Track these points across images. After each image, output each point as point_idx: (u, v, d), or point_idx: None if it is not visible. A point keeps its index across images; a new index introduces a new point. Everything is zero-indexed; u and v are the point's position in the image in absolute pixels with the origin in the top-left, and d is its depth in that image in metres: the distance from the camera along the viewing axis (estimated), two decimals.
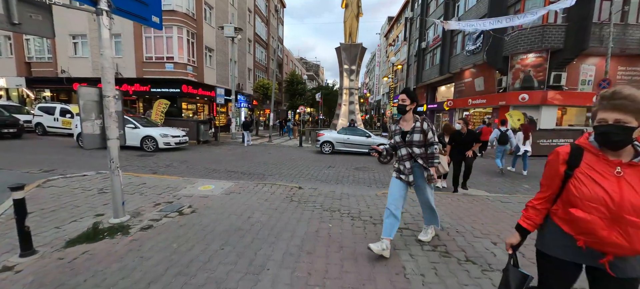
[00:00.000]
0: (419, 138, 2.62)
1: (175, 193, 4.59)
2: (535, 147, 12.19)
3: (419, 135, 2.62)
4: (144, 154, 9.77)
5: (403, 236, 3.13)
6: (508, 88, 16.66)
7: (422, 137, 2.62)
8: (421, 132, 2.62)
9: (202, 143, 13.97)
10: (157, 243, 2.83)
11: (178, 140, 10.91)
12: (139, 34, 16.55)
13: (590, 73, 15.56)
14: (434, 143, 2.63)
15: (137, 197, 4.33)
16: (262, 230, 3.21)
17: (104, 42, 3.12)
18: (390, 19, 47.97)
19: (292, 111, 31.27)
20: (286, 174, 7.33)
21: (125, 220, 3.37)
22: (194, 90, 18.16)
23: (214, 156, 10.01)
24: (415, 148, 2.64)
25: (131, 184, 5.07)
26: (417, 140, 2.62)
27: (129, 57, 16.83)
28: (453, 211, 4.11)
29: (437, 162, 2.69)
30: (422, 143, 2.64)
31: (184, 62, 16.70)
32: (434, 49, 25.86)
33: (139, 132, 10.32)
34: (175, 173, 6.71)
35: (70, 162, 7.52)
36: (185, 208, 3.85)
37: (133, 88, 17.20)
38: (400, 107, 2.69)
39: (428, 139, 2.63)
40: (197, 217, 3.57)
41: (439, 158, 2.72)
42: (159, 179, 5.61)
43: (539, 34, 14.97)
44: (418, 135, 2.62)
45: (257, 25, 29.07)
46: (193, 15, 17.61)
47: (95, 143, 3.24)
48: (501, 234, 3.26)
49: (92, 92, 3.19)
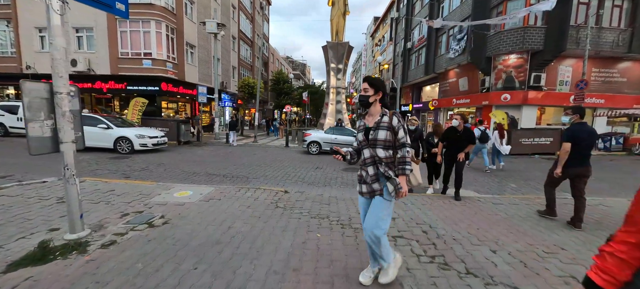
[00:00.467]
0: (385, 136, 2.00)
1: (147, 201, 4.15)
2: (517, 146, 12.54)
3: (384, 133, 2.00)
4: (117, 156, 9.09)
5: (397, 246, 2.89)
6: (491, 89, 17.02)
7: (389, 135, 2.00)
8: (388, 129, 2.00)
9: (183, 144, 13.31)
10: (119, 264, 2.44)
11: (156, 141, 10.27)
12: (113, 28, 15.56)
13: (567, 75, 16.16)
14: (406, 145, 2.01)
15: (102, 207, 3.87)
16: (243, 243, 2.88)
17: (53, 30, 2.67)
18: (376, 19, 48.30)
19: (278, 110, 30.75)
20: (271, 176, 6.97)
21: (83, 236, 2.94)
22: (175, 88, 17.33)
23: (195, 158, 9.47)
24: (379, 149, 2.01)
25: (97, 191, 4.56)
26: (382, 138, 2.00)
27: (103, 53, 15.79)
28: (446, 215, 3.94)
29: (408, 170, 2.02)
30: (389, 144, 2.02)
31: (163, 59, 15.87)
32: (420, 49, 26.15)
33: (112, 133, 9.60)
34: (150, 178, 6.20)
35: (32, 167, 6.81)
36: (157, 219, 3.44)
37: (107, 85, 16.17)
38: (362, 99, 2.09)
39: (398, 139, 2.01)
40: (170, 229, 3.18)
41: (411, 166, 2.18)
42: (130, 185, 5.12)
43: (520, 36, 15.35)
44: (384, 132, 2.00)
45: (241, 22, 28.29)
46: (173, 9, 16.78)
47: (45, 147, 2.78)
48: (499, 240, 3.10)
49: (41, 88, 2.73)
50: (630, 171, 9.11)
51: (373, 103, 2.10)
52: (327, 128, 14.22)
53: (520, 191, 6.01)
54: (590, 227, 3.61)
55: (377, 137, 2.02)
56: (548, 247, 2.98)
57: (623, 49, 15.15)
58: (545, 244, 3.04)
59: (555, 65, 15.96)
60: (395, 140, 2.03)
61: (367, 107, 2.12)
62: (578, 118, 3.72)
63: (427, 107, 25.02)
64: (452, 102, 20.91)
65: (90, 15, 15.23)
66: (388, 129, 2.01)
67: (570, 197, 3.84)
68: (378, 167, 2.05)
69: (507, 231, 3.41)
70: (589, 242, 3.14)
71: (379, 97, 2.10)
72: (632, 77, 16.53)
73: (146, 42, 15.64)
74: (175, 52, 17.09)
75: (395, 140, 2.03)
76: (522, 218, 3.93)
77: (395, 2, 34.90)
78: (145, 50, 15.69)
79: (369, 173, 2.08)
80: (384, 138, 2.01)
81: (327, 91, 19.71)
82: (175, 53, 17.13)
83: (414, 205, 4.37)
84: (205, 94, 15.46)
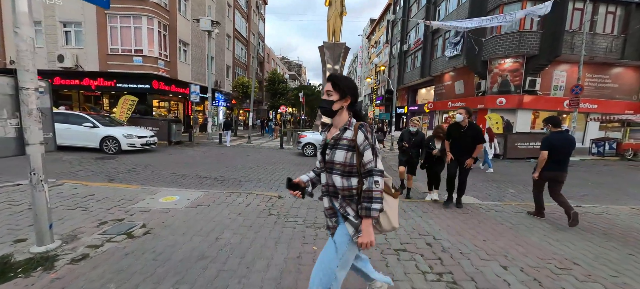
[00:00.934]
0: (344, 158, 1.43)
1: (129, 207, 3.84)
2: (513, 150, 12.50)
3: (344, 153, 1.43)
4: (103, 157, 8.68)
5: (401, 261, 2.66)
6: (487, 92, 17.05)
7: (349, 156, 1.43)
8: (349, 148, 1.43)
9: (174, 144, 12.90)
10: (89, 283, 2.15)
11: (145, 141, 9.87)
12: (103, 23, 15.05)
13: (562, 79, 16.28)
14: (374, 173, 1.39)
15: (78, 214, 3.54)
16: (231, 257, 2.61)
17: (19, 17, 2.37)
18: (373, 21, 48.36)
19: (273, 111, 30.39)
20: (265, 180, 6.70)
21: (52, 249, 2.63)
22: (167, 87, 16.87)
23: (186, 159, 9.12)
24: (335, 176, 1.46)
25: (75, 196, 4.22)
26: (339, 161, 1.44)
27: (92, 49, 15.25)
28: (449, 224, 3.73)
29: (376, 210, 1.37)
30: (351, 170, 1.44)
31: (155, 56, 15.41)
32: (415, 52, 26.17)
33: (98, 132, 9.18)
34: (135, 181, 5.86)
35: (9, 168, 6.39)
36: (137, 229, 3.14)
37: (96, 82, 15.62)
38: (324, 106, 1.53)
39: (363, 163, 1.40)
40: (151, 241, 2.89)
41: (381, 201, 1.40)
42: (113, 189, 4.78)
43: (516, 40, 15.41)
44: (342, 152, 1.43)
45: (237, 21, 27.89)
46: (165, 5, 16.35)
47: (7, 149, 2.47)
48: (508, 254, 2.89)
49: (3, 83, 2.43)
50: (626, 176, 9.10)
51: (338, 112, 1.52)
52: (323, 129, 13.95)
53: (520, 197, 5.86)
54: (600, 239, 3.44)
55: (334, 158, 1.45)
56: (560, 262, 2.79)
57: (616, 55, 15.34)
58: (557, 259, 2.85)
59: (550, 69, 16.08)
60: (358, 163, 1.42)
61: (330, 116, 1.54)
62: (551, 127, 4.05)
63: (422, 109, 25.03)
64: (448, 104, 20.93)
65: (78, 9, 14.72)
66: (349, 148, 1.43)
67: (573, 204, 3.99)
68: (333, 200, 1.52)
69: (515, 243, 3.21)
70: (601, 256, 2.96)
71: (346, 104, 1.52)
72: (623, 83, 16.77)
73: (137, 39, 15.17)
74: (167, 50, 16.64)
75: (359, 162, 1.42)
76: (528, 227, 3.75)
77: (391, 5, 34.96)
78: (136, 47, 15.22)
79: (325, 206, 1.58)
80: (342, 160, 1.43)
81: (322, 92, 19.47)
82: (168, 51, 16.69)
83: (414, 213, 4.16)
84: (198, 93, 15.08)
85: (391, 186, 1.59)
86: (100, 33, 15.12)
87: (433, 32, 22.33)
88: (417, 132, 4.93)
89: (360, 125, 1.44)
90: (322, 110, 1.56)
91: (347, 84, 1.53)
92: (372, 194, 1.37)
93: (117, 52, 15.31)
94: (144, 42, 15.13)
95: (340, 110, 1.53)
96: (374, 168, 1.40)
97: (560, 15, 14.33)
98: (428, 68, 23.46)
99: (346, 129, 1.48)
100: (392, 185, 1.61)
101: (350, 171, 1.45)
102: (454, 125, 4.47)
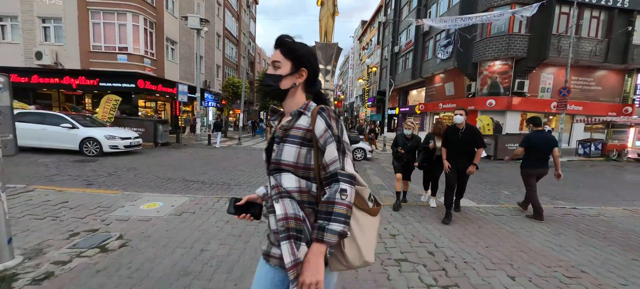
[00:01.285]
0: (296, 155, 0.97)
1: (106, 216, 3.52)
2: (504, 151, 12.62)
3: (296, 149, 0.98)
4: (83, 160, 8.19)
5: (403, 274, 2.47)
6: (477, 94, 17.25)
7: (302, 153, 0.98)
8: (303, 142, 0.98)
9: (161, 145, 12.41)
10: None
11: (129, 143, 9.40)
12: (85, 19, 14.37)
13: (549, 82, 16.64)
14: (339, 176, 0.92)
15: (47, 225, 3.20)
16: (217, 273, 2.36)
17: None
18: (364, 22, 48.59)
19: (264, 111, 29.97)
20: (256, 183, 6.42)
21: (11, 266, 2.31)
22: (153, 86, 16.27)
23: (172, 162, 8.72)
24: (284, 178, 0.98)
25: (46, 204, 3.85)
26: (288, 160, 0.97)
27: (73, 46, 14.53)
28: (449, 229, 3.58)
29: (333, 231, 0.88)
30: (305, 170, 0.98)
31: (141, 54, 14.83)
32: (407, 53, 26.33)
33: (78, 133, 8.66)
34: (116, 185, 5.48)
35: None
36: (113, 241, 2.84)
37: (77, 81, 14.89)
38: (268, 82, 1.06)
39: (324, 162, 0.95)
40: (128, 254, 2.60)
41: (347, 221, 0.91)
42: (90, 195, 4.42)
43: (505, 43, 15.64)
44: (293, 147, 0.98)
45: (227, 20, 27.37)
46: (152, 2, 15.77)
47: None
48: (513, 262, 2.75)
49: None
50: (612, 177, 9.28)
51: (290, 92, 1.05)
52: None
53: (515, 200, 5.81)
54: (602, 244, 3.36)
55: (281, 157, 0.97)
56: (567, 269, 2.66)
57: (600, 59, 15.78)
58: (563, 266, 2.73)
59: (537, 72, 16.39)
60: (320, 166, 0.96)
61: (279, 98, 1.07)
62: (533, 127, 4.32)
63: (413, 110, 25.16)
64: (439, 106, 21.10)
65: (58, 3, 14.02)
66: (304, 142, 0.97)
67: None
68: None
69: (518, 249, 3.08)
70: (606, 262, 2.86)
71: (301, 80, 1.06)
72: (606, 85, 17.29)
73: (122, 36, 14.56)
74: (154, 48, 16.07)
75: (321, 165, 0.96)
76: (528, 232, 3.64)
77: (382, 7, 35.15)
78: (120, 45, 14.61)
79: (270, 226, 1.02)
80: (293, 160, 0.96)
81: None
82: (154, 49, 16.12)
83: (412, 218, 4.00)
84: (186, 93, 14.61)
85: (367, 199, 1.04)
86: (81, 29, 14.43)
87: (424, 34, 22.49)
88: (412, 136, 4.52)
89: (321, 109, 0.98)
90: (267, 91, 1.06)
91: (302, 51, 1.04)
92: (333, 208, 0.88)
93: (100, 50, 14.65)
94: (128, 40, 14.53)
95: (293, 89, 1.05)
96: (340, 170, 0.91)
97: (548, 19, 14.63)
98: (419, 70, 23.62)
99: (301, 114, 1.02)
100: (369, 196, 1.05)
101: (307, 176, 0.97)
102: (451, 128, 4.04)
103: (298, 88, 1.07)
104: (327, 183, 0.94)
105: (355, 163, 10.84)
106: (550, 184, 6.91)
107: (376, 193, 5.81)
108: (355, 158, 11.26)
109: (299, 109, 1.03)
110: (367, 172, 8.44)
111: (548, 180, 4.81)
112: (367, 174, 8.15)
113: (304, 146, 0.97)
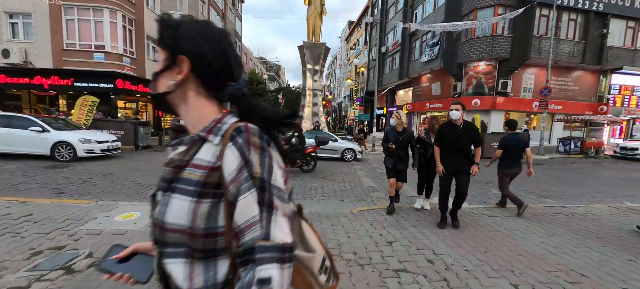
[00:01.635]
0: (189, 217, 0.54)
1: (75, 230, 3.18)
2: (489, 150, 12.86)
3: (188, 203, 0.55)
4: (55, 166, 7.61)
5: (402, 286, 2.32)
6: (462, 94, 17.56)
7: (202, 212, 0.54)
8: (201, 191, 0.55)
9: (142, 148, 11.81)
10: None
11: (106, 147, 8.83)
12: (57, 15, 13.50)
13: (530, 82, 17.17)
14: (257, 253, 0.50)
15: (5, 242, 2.83)
16: None
17: None
18: (351, 22, 48.79)
19: None
20: None
21: None
22: (133, 86, 15.52)
23: (154, 166, 8.26)
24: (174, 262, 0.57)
25: (6, 218, 3.45)
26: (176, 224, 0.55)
27: (44, 43, 13.62)
28: (446, 234, 3.47)
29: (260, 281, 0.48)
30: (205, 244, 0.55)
31: (119, 53, 14.10)
32: (394, 54, 26.56)
33: (49, 137, 8.05)
34: (90, 194, 5.06)
35: None
36: (80, 260, 2.53)
37: (49, 81, 13.97)
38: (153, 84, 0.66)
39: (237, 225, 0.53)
40: (97, 276, 2.30)
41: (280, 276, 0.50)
42: (58, 206, 4.02)
43: (489, 44, 16.00)
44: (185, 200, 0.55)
45: (211, 18, 26.63)
46: None
47: None
48: (514, 268, 2.66)
49: None
50: (593, 173, 9.60)
51: (176, 99, 0.65)
52: (304, 131, 13.56)
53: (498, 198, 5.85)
54: (596, 244, 3.35)
55: (165, 217, 0.56)
56: (567, 274, 2.60)
57: (577, 60, 16.43)
58: (563, 270, 2.67)
59: (520, 72, 16.87)
60: (230, 229, 0.54)
61: (169, 110, 0.66)
62: (508, 129, 4.72)
63: (401, 110, 25.43)
64: (426, 105, 21.37)
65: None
66: (203, 192, 0.55)
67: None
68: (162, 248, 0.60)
69: (516, 253, 3.01)
70: (604, 263, 2.83)
71: (181, 77, 0.62)
72: (583, 85, 18.04)
73: (98, 33, 13.78)
74: (133, 46, 15.33)
75: (231, 228, 0.54)
76: (524, 233, 3.59)
77: (369, 7, 35.36)
78: (97, 42, 13.82)
79: None
80: (184, 222, 0.55)
81: (303, 93, 19.11)
82: (134, 48, 15.39)
83: (407, 222, 3.88)
84: None
85: (319, 270, 0.65)
86: (53, 26, 13.55)
87: (410, 34, 22.73)
88: (404, 130, 4.19)
89: (236, 132, 0.57)
90: (152, 98, 0.71)
91: (180, 31, 0.62)
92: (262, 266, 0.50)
93: (75, 48, 13.80)
94: (106, 37, 13.77)
95: (180, 94, 0.63)
96: (263, 241, 0.51)
97: (529, 21, 15.08)
98: (406, 70, 23.85)
99: (202, 141, 0.60)
100: (323, 264, 0.67)
101: (209, 249, 0.56)
102: (447, 125, 3.71)
103: (188, 91, 0.63)
104: (240, 263, 0.53)
105: (345, 163, 10.53)
106: (535, 182, 7.03)
107: (368, 195, 5.66)
108: (344, 159, 11.06)
109: (200, 133, 0.61)
110: (357, 173, 8.31)
111: (534, 179, 5.37)
112: (357, 175, 8.02)
113: (204, 198, 0.55)
